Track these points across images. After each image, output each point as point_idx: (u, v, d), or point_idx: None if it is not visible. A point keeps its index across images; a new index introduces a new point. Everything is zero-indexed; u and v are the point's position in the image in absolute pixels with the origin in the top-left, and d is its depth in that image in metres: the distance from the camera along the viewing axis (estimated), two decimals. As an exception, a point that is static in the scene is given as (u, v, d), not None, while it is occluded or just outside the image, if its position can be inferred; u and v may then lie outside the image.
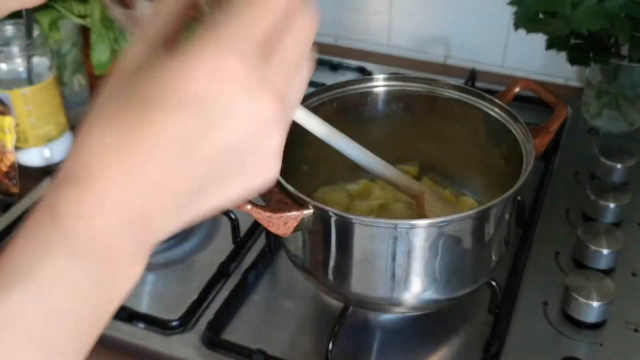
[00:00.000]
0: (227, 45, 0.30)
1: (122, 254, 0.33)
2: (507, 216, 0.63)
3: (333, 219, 0.59)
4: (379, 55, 1.16)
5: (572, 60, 0.88)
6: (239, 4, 0.32)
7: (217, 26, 0.31)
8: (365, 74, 1.08)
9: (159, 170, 0.31)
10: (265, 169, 0.34)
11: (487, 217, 0.60)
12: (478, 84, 1.01)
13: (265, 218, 0.58)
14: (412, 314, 0.68)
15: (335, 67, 1.10)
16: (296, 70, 0.34)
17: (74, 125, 0.96)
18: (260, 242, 0.77)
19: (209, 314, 0.68)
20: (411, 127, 0.76)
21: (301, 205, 0.58)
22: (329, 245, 0.61)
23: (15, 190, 0.85)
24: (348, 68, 1.10)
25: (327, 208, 0.58)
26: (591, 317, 0.66)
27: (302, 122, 0.62)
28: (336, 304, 0.67)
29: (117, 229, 0.31)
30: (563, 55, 0.89)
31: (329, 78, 1.06)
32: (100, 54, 0.96)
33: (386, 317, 0.68)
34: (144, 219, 0.32)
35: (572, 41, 0.88)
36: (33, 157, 0.89)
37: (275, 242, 0.76)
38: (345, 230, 0.59)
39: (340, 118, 0.67)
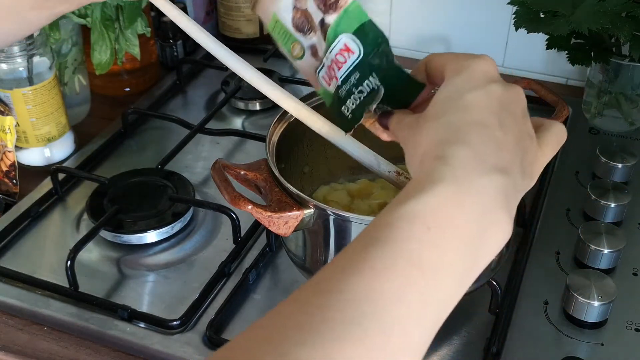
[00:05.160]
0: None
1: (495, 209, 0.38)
2: (507, 216, 0.62)
3: (333, 219, 0.59)
4: (380, 55, 1.16)
5: (573, 60, 0.88)
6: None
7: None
8: (365, 73, 1.08)
9: None
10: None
11: (487, 217, 0.60)
12: (478, 84, 1.01)
13: (266, 218, 0.58)
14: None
15: (335, 67, 1.10)
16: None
17: (74, 125, 0.96)
18: (261, 242, 0.77)
19: (209, 314, 0.68)
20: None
21: (302, 204, 0.58)
22: (329, 244, 0.61)
23: (15, 190, 0.85)
24: (348, 68, 1.09)
25: (328, 208, 0.58)
26: (592, 317, 0.66)
27: (305, 120, 0.62)
28: (337, 303, 0.67)
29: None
30: (564, 54, 0.89)
31: (330, 78, 1.06)
32: (100, 53, 0.96)
33: (387, 316, 0.68)
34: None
35: (573, 41, 0.88)
36: (33, 156, 0.89)
37: (276, 242, 0.76)
38: (346, 230, 0.59)
39: (340, 117, 0.67)
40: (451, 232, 0.37)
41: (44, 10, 0.57)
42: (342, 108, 0.52)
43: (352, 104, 0.52)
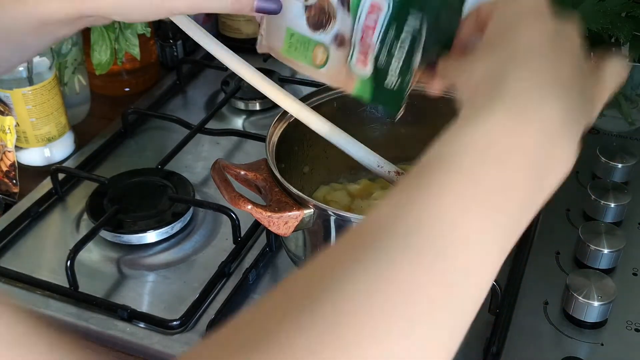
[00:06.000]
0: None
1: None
2: (507, 216, 0.62)
3: (333, 219, 0.59)
4: (380, 55, 1.15)
5: (573, 60, 0.88)
6: None
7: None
8: (365, 73, 1.08)
9: None
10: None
11: (487, 217, 0.60)
12: (478, 84, 1.01)
13: (266, 218, 0.58)
14: (412, 313, 0.67)
15: (335, 67, 1.10)
16: None
17: (74, 125, 0.96)
18: (261, 242, 0.77)
19: (209, 314, 0.68)
20: (411, 127, 0.75)
21: (302, 204, 0.58)
22: (329, 244, 0.61)
23: (15, 190, 0.85)
24: (348, 68, 1.09)
25: (328, 208, 0.58)
26: (592, 317, 0.66)
27: (305, 120, 0.62)
28: (337, 303, 0.67)
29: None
30: (563, 54, 0.88)
31: (330, 78, 1.06)
32: (100, 53, 0.96)
33: (387, 316, 0.68)
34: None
35: (573, 41, 0.88)
36: (33, 157, 0.89)
37: (276, 242, 0.76)
38: (346, 230, 0.59)
39: (340, 117, 0.67)
40: (513, 155, 0.35)
41: (44, 36, 0.53)
42: (386, 82, 0.51)
43: (397, 66, 0.50)
